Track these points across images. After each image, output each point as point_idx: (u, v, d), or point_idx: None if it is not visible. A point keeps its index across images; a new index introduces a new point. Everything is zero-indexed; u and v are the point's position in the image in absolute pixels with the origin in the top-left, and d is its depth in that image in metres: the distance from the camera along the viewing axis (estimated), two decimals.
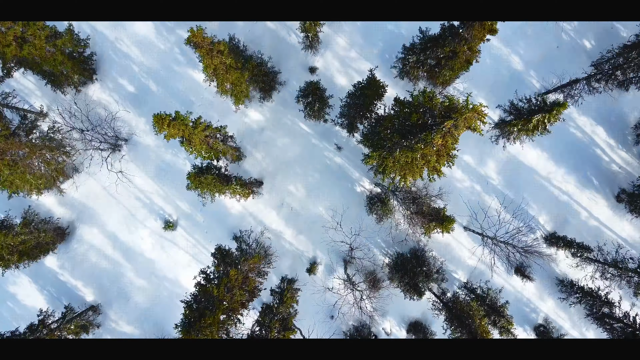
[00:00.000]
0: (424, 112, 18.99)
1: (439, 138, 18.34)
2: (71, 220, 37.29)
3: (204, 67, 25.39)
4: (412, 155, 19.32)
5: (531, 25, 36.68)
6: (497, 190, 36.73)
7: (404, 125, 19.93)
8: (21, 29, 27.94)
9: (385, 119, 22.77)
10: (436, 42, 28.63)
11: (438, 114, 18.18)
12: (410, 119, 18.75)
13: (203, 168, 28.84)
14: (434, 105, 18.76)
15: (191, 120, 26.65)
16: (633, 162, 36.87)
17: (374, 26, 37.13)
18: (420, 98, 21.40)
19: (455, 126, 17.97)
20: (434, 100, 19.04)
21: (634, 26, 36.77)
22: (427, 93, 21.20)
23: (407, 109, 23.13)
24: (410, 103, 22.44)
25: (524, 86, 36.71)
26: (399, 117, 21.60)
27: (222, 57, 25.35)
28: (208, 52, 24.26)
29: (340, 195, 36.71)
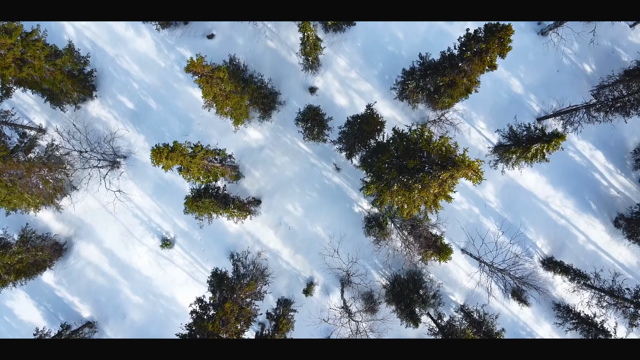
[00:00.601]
0: (421, 157, 18.96)
1: (436, 186, 18.32)
2: (68, 236, 37.28)
3: (203, 94, 25.35)
4: (409, 194, 19.31)
5: (532, 49, 36.66)
6: (495, 213, 36.71)
7: (402, 164, 19.90)
8: (20, 50, 27.91)
9: (383, 150, 22.73)
10: (436, 69, 28.61)
11: (435, 160, 18.15)
12: (408, 165, 18.73)
13: (201, 191, 28.82)
14: (431, 149, 18.74)
15: (190, 146, 26.68)
16: (632, 187, 36.84)
17: (374, 47, 37.11)
18: (418, 134, 21.35)
19: (452, 176, 17.93)
20: (431, 144, 19.02)
21: (635, 52, 36.78)
22: (425, 133, 21.17)
23: (405, 142, 23.14)
24: (408, 138, 22.41)
25: (524, 109, 36.71)
26: (397, 150, 21.57)
27: (222, 83, 25.31)
28: (207, 81, 24.23)
29: (338, 215, 36.68)
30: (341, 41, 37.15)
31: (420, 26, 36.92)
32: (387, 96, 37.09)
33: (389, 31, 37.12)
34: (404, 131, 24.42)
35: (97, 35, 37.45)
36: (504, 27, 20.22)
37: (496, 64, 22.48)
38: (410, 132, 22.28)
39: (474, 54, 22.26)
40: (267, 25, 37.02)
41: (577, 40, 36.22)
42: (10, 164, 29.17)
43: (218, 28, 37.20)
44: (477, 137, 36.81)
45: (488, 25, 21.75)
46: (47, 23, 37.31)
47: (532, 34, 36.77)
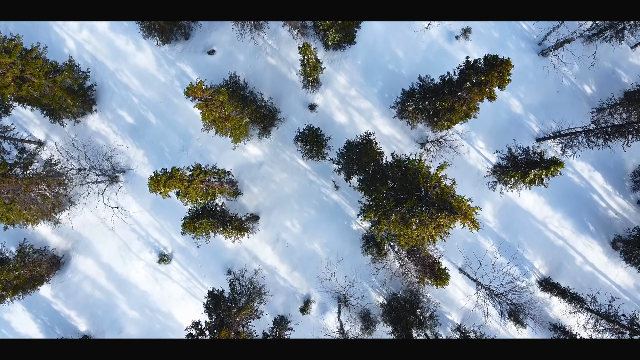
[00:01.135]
0: (418, 196, 18.95)
1: (432, 228, 18.33)
2: (66, 250, 37.29)
3: (203, 118, 25.36)
4: (406, 229, 19.33)
5: (532, 70, 36.67)
6: (493, 233, 36.71)
7: (399, 197, 19.91)
8: (20, 68, 27.91)
9: (381, 179, 22.73)
10: (435, 93, 28.63)
11: (432, 201, 18.15)
12: (405, 205, 18.73)
13: (199, 211, 28.82)
14: (428, 187, 18.74)
15: (189, 169, 26.70)
16: (630, 208, 36.85)
17: (375, 65, 37.11)
18: (416, 164, 21.34)
19: (449, 222, 17.94)
20: (429, 182, 19.01)
21: (636, 74, 36.81)
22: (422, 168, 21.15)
23: (403, 169, 23.13)
24: (406, 166, 22.40)
25: (523, 130, 36.72)
26: (395, 179, 21.58)
27: (222, 106, 25.32)
28: (207, 105, 24.24)
29: (336, 233, 36.69)
30: (341, 59, 37.15)
31: (420, 45, 36.94)
32: (387, 114, 37.10)
33: (389, 49, 37.13)
34: (402, 158, 24.43)
35: (98, 49, 37.45)
36: (503, 61, 20.23)
37: (495, 95, 22.50)
38: (409, 161, 22.26)
39: (473, 84, 22.26)
40: (268, 42, 37.03)
41: (578, 61, 36.23)
42: (9, 180, 29.18)
43: (219, 44, 37.21)
44: (476, 156, 36.82)
45: (488, 57, 21.76)
46: (48, 37, 37.34)
47: (533, 55, 36.78)
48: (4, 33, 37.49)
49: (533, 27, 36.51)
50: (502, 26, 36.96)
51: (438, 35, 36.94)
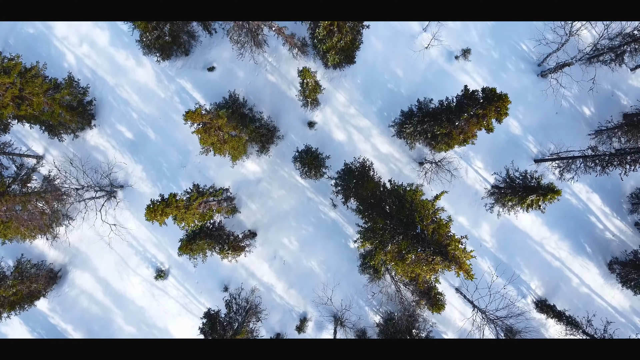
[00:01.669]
0: (414, 235, 18.98)
1: (428, 270, 18.38)
2: (63, 264, 37.32)
3: (201, 143, 25.40)
4: (402, 264, 19.37)
5: (531, 91, 36.71)
6: (490, 253, 36.75)
7: (396, 230, 19.95)
8: (19, 88, 27.93)
9: (378, 210, 22.77)
10: (434, 118, 28.67)
11: (428, 241, 18.18)
12: (401, 246, 18.78)
13: (196, 232, 28.85)
14: (425, 226, 18.77)
15: (187, 192, 26.75)
16: (627, 230, 36.89)
17: (374, 84, 37.14)
18: (413, 196, 21.36)
19: (444, 266, 17.99)
20: (425, 219, 19.04)
21: (635, 96, 36.86)
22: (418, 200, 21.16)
23: (401, 199, 23.15)
24: (403, 196, 22.43)
25: (521, 150, 36.76)
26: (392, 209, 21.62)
27: (221, 131, 25.37)
28: (206, 130, 24.29)
29: (334, 250, 36.73)
30: (341, 77, 37.20)
31: (420, 64, 36.97)
32: (385, 133, 37.14)
33: (389, 69, 37.17)
34: (399, 186, 24.46)
35: (98, 64, 37.50)
36: (501, 96, 20.27)
37: (492, 127, 22.52)
38: (406, 192, 22.29)
39: (471, 116, 22.31)
40: (268, 60, 37.07)
41: (577, 83, 36.26)
42: (7, 198, 29.23)
43: (219, 60, 37.24)
44: (474, 176, 36.85)
45: (485, 90, 21.81)
46: (48, 51, 37.40)
47: (532, 76, 36.83)
48: (5, 47, 37.61)
49: (533, 49, 36.54)
50: (502, 47, 37.01)
51: (438, 55, 36.99)
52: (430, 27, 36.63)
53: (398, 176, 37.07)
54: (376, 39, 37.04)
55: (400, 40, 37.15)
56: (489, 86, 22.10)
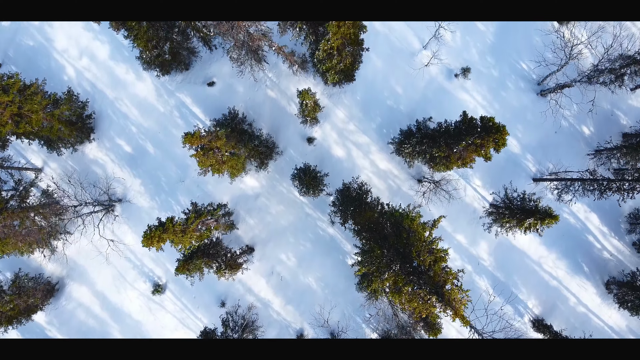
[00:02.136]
0: (410, 272, 18.98)
1: (423, 309, 18.38)
2: (61, 277, 37.32)
3: (199, 165, 25.39)
4: (399, 297, 19.36)
5: (530, 110, 36.72)
6: (487, 271, 36.76)
7: (392, 261, 19.95)
8: (18, 106, 27.92)
9: (375, 237, 22.77)
10: (432, 140, 28.68)
11: (424, 278, 18.17)
12: (397, 277, 18.78)
13: (193, 251, 28.83)
14: (421, 261, 18.77)
15: (184, 212, 26.74)
16: (625, 250, 36.89)
17: (373, 101, 37.15)
18: (410, 224, 21.33)
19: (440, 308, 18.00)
20: (422, 255, 19.05)
21: (634, 117, 36.88)
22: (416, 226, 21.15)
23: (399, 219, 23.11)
24: (400, 222, 22.42)
25: (520, 169, 36.77)
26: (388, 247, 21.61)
27: (220, 153, 25.37)
28: (205, 153, 24.29)
29: (332, 267, 36.71)
30: (340, 94, 37.20)
31: (419, 82, 36.97)
32: (384, 149, 37.13)
33: (389, 86, 37.18)
34: (399, 210, 24.45)
35: (98, 77, 37.50)
36: (499, 129, 20.26)
37: (490, 156, 22.52)
38: (404, 219, 22.28)
39: (469, 144, 22.31)
40: (268, 75, 37.06)
41: (576, 102, 36.25)
42: (5, 215, 29.27)
43: (219, 75, 37.25)
44: (472, 194, 36.85)
45: (484, 119, 21.80)
46: (48, 64, 37.43)
47: (532, 95, 36.83)
48: (4, 59, 37.62)
49: (533, 67, 36.53)
50: (502, 66, 37.01)
51: (437, 72, 36.99)
52: (430, 44, 36.62)
53: (396, 193, 37.09)
54: (376, 56, 37.03)
55: (400, 57, 37.16)
56: (487, 115, 22.10)
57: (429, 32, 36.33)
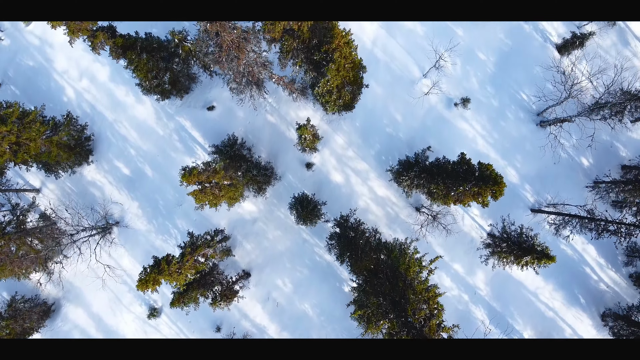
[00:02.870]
0: (403, 323, 18.94)
1: None
2: (57, 298, 37.29)
3: (196, 201, 25.36)
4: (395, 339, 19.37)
5: (529, 140, 36.69)
6: (484, 301, 36.72)
7: (387, 311, 19.93)
8: (16, 135, 27.90)
9: (372, 282, 22.74)
10: (430, 175, 28.67)
11: (418, 332, 18.15)
12: (392, 326, 18.76)
13: (188, 284, 28.78)
14: (416, 319, 18.75)
15: (180, 246, 26.70)
16: (621, 282, 36.87)
17: (373, 128, 37.12)
18: (407, 273, 21.32)
19: None
20: (417, 314, 19.02)
21: (633, 148, 36.85)
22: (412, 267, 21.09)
23: (395, 266, 23.09)
24: (397, 270, 22.39)
25: (518, 199, 36.73)
26: (383, 294, 21.58)
27: (217, 189, 25.35)
28: (202, 190, 24.26)
29: (328, 294, 36.67)
30: (340, 120, 37.17)
31: (419, 110, 36.95)
32: (383, 176, 37.10)
33: (388, 113, 37.15)
34: (397, 249, 24.39)
35: (97, 99, 37.47)
36: (497, 181, 20.23)
37: (488, 203, 22.50)
38: (400, 265, 22.24)
39: (467, 190, 22.28)
40: (268, 100, 37.03)
41: (576, 134, 36.21)
42: (2, 241, 29.28)
43: (219, 100, 37.22)
44: (470, 223, 36.82)
45: (482, 167, 21.77)
46: (48, 85, 37.41)
47: (531, 125, 36.81)
48: (4, 79, 37.60)
49: (533, 100, 36.51)
50: (502, 96, 36.99)
51: (437, 101, 36.97)
52: (431, 73, 36.60)
53: (394, 220, 37.05)
54: (376, 83, 37.01)
55: (400, 85, 37.14)
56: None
57: (429, 62, 36.34)
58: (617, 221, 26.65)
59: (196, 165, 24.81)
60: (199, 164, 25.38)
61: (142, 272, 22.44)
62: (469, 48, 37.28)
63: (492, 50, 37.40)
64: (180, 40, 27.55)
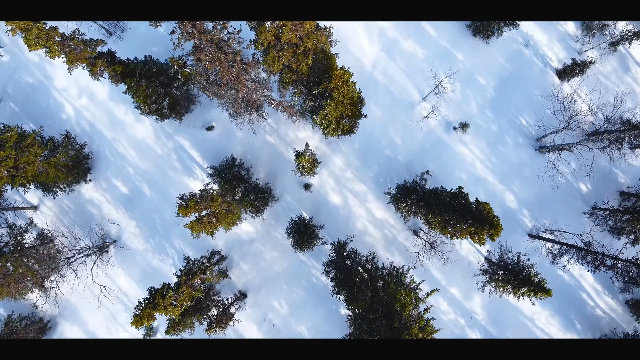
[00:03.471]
0: None
1: None
2: (53, 315, 37.24)
3: (193, 232, 25.32)
4: None
5: (528, 165, 36.68)
6: (480, 325, 36.70)
7: None
8: (14, 159, 27.83)
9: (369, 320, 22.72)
10: (428, 204, 28.66)
11: None
12: None
13: (184, 311, 28.75)
14: None
15: (175, 274, 26.68)
16: (618, 308, 36.87)
17: (371, 150, 37.10)
18: (403, 312, 21.29)
19: None
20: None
21: (632, 175, 36.84)
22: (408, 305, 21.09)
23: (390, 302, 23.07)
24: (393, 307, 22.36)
25: (516, 224, 36.71)
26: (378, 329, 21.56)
27: (214, 218, 25.32)
28: (198, 220, 24.23)
29: (324, 317, 36.63)
30: (339, 141, 37.14)
31: (418, 133, 36.93)
32: (381, 198, 37.08)
33: (387, 135, 37.13)
34: (396, 273, 24.35)
35: (96, 117, 37.43)
36: (494, 223, 20.20)
37: (485, 241, 22.48)
38: (396, 302, 22.21)
39: (463, 229, 22.27)
40: (267, 121, 36.99)
41: (574, 159, 36.22)
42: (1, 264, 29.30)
43: (218, 120, 37.17)
44: (468, 247, 36.79)
45: (479, 206, 21.73)
46: (47, 102, 37.37)
47: (530, 150, 36.79)
48: (3, 95, 37.54)
49: (532, 128, 36.51)
50: (501, 120, 36.98)
51: (436, 125, 36.94)
52: (430, 97, 36.58)
53: (392, 242, 37.02)
54: (375, 105, 37.00)
55: (399, 108, 37.12)
56: (483, 201, 22.05)
57: (428, 85, 36.34)
58: (614, 256, 26.63)
59: (193, 194, 24.75)
60: (196, 193, 25.32)
61: (137, 306, 22.39)
62: (469, 72, 37.26)
63: (492, 75, 37.39)
64: (179, 67, 27.51)
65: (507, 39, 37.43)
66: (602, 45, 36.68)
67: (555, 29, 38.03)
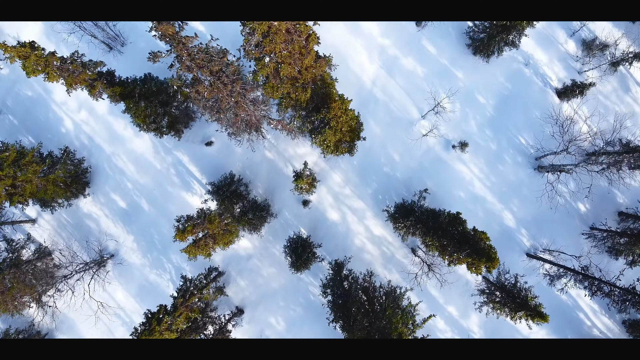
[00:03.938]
0: None
1: None
2: (50, 329, 37.20)
3: (191, 255, 25.31)
4: None
5: (527, 185, 36.67)
6: None
7: None
8: (12, 177, 27.82)
9: None
10: (426, 226, 28.65)
11: None
12: None
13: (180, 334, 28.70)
14: None
15: (172, 296, 26.66)
16: (614, 328, 36.85)
17: (370, 167, 37.10)
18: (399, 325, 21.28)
19: None
20: None
21: (630, 195, 36.83)
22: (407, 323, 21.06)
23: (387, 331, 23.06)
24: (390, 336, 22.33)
25: (514, 243, 36.70)
26: None
27: (211, 240, 25.32)
28: (195, 244, 24.22)
29: (321, 334, 36.48)
30: (338, 158, 37.13)
31: (417, 151, 36.92)
32: (379, 216, 37.07)
33: (386, 153, 37.12)
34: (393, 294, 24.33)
35: (95, 131, 37.42)
36: (491, 257, 20.20)
37: (482, 272, 22.47)
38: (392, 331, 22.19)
39: (460, 258, 22.26)
40: (266, 136, 36.97)
41: (573, 179, 36.20)
42: None
43: (217, 135, 37.16)
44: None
45: (477, 235, 21.72)
46: (46, 116, 37.37)
47: (529, 170, 36.78)
48: (3, 108, 37.54)
49: (531, 142, 36.51)
50: (500, 139, 36.97)
51: (435, 143, 36.94)
52: (429, 115, 36.58)
53: (390, 260, 37.00)
54: (374, 123, 37.00)
55: (398, 126, 37.12)
56: (480, 230, 22.05)
57: (428, 104, 36.33)
58: (611, 283, 26.61)
59: (191, 217, 24.73)
60: (193, 215, 25.31)
61: (133, 332, 22.36)
62: (469, 91, 37.26)
63: (491, 94, 37.39)
64: (179, 87, 27.50)
65: (507, 58, 37.43)
66: (603, 67, 36.67)
67: (556, 48, 38.04)
